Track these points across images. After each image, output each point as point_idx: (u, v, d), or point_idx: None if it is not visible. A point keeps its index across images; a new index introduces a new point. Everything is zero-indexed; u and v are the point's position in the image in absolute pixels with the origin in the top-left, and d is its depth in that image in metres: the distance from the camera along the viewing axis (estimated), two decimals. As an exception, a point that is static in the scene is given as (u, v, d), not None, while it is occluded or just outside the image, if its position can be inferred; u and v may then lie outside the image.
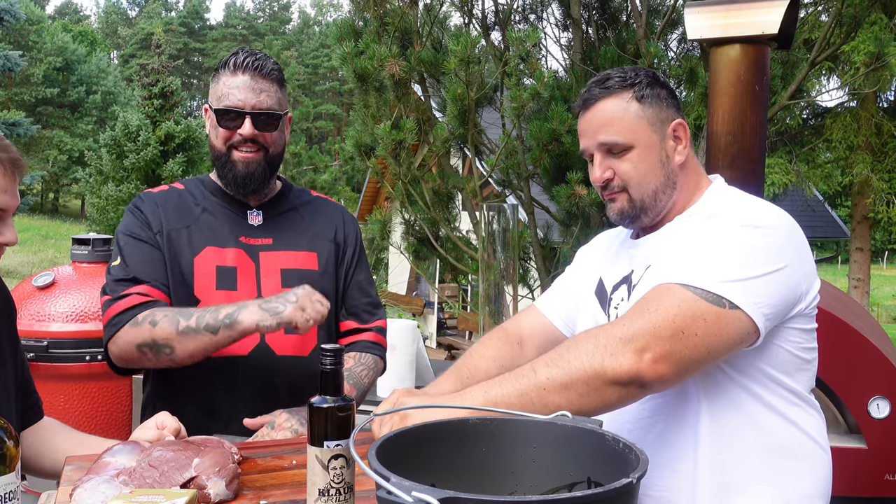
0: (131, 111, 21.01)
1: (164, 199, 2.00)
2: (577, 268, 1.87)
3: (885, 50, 4.56)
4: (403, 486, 0.90)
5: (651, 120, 1.60)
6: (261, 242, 1.97)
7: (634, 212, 1.62)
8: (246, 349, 1.88)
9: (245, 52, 1.93)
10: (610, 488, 0.93)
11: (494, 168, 4.92)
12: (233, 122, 1.89)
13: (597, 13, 5.65)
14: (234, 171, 1.93)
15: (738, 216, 1.50)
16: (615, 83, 1.60)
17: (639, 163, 1.59)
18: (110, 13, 66.70)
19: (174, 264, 1.92)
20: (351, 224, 2.14)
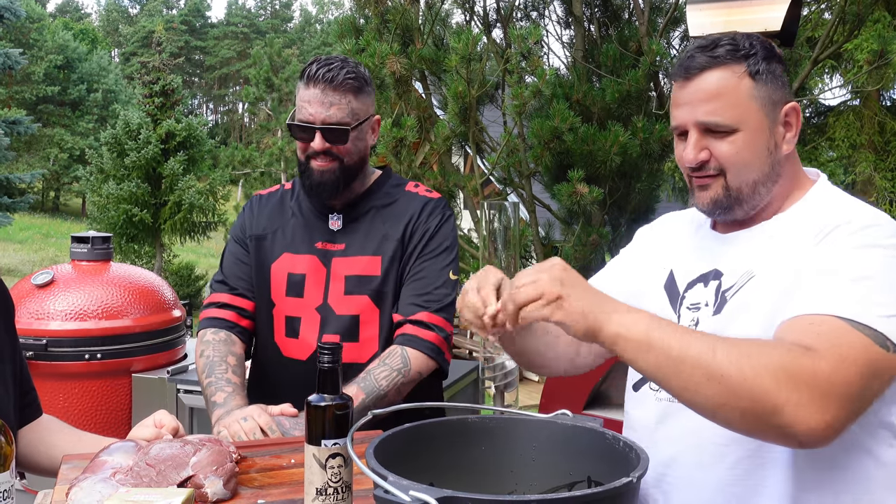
0: (132, 109, 20.99)
1: (268, 199, 2.15)
2: (638, 253, 1.66)
3: (888, 48, 4.55)
4: (401, 485, 0.90)
5: (764, 101, 1.37)
6: (335, 248, 2.03)
7: (729, 202, 1.40)
8: (305, 354, 1.99)
9: (320, 62, 1.96)
10: (610, 487, 0.93)
11: (496, 166, 4.91)
12: (305, 136, 1.95)
13: (598, 10, 5.64)
14: (311, 179, 1.99)
15: (884, 232, 1.28)
16: (725, 52, 1.37)
17: (743, 148, 1.37)
18: (111, 11, 66.73)
19: (259, 267, 2.07)
20: (431, 217, 2.04)
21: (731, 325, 1.34)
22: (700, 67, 1.37)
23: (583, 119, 4.82)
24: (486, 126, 5.27)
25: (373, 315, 1.99)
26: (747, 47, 1.37)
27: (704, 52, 1.37)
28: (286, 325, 2.03)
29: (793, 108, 1.39)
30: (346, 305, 1.98)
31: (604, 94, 4.88)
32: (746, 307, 1.33)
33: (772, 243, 1.39)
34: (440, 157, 5.35)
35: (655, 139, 4.79)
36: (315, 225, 2.06)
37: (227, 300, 2.08)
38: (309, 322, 2.00)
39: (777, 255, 1.36)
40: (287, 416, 1.81)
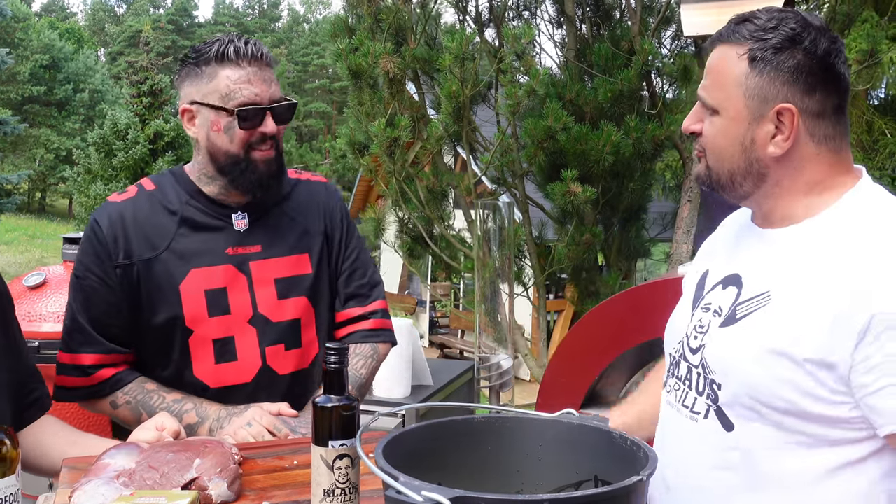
0: (119, 109, 20.88)
1: (133, 213, 1.76)
2: (693, 265, 1.61)
3: (878, 47, 4.58)
4: (413, 485, 0.89)
5: (750, 92, 1.28)
6: (249, 251, 1.80)
7: (710, 183, 1.38)
8: (249, 375, 1.80)
9: (237, 38, 1.74)
10: (620, 486, 0.92)
11: (490, 166, 4.91)
12: (254, 121, 1.71)
13: (590, 10, 5.65)
14: (257, 172, 1.75)
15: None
16: (745, 30, 1.29)
17: (718, 133, 1.33)
18: (97, 10, 66.31)
19: (156, 296, 1.74)
20: (335, 201, 1.96)
21: (736, 348, 1.30)
22: (717, 39, 1.33)
23: (575, 119, 4.82)
24: (478, 126, 5.28)
25: (311, 316, 1.87)
26: (771, 29, 1.27)
27: (730, 25, 1.32)
28: (216, 349, 1.76)
29: (787, 109, 1.26)
30: (283, 311, 1.81)
31: (596, 93, 4.89)
32: (755, 335, 1.28)
33: (793, 258, 1.30)
34: (433, 157, 5.34)
35: (648, 139, 4.80)
36: (217, 228, 1.79)
37: (94, 361, 1.73)
38: (245, 339, 1.78)
39: (796, 276, 1.27)
40: (287, 416, 1.76)
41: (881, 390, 1.16)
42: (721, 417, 1.31)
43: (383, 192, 5.42)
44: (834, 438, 1.22)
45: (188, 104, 1.76)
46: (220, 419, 1.74)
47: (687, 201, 4.91)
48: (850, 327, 1.17)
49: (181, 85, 1.79)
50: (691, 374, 1.39)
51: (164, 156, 19.25)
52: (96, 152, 19.35)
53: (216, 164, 1.77)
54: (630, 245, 5.51)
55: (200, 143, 1.78)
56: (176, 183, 1.83)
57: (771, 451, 1.26)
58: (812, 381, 1.21)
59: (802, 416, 1.22)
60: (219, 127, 1.73)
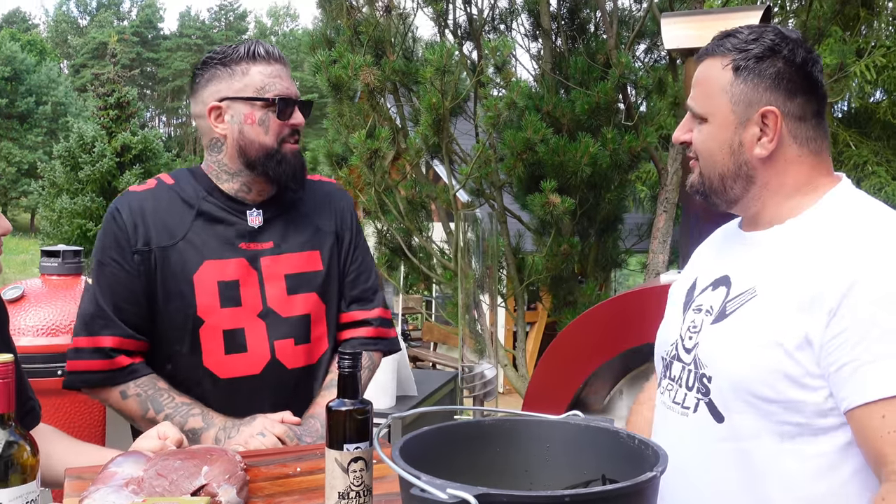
0: (84, 122, 20.59)
1: (152, 203, 1.81)
2: (682, 275, 1.67)
3: (846, 61, 4.71)
4: (436, 483, 0.91)
5: (736, 98, 1.37)
6: (261, 247, 1.85)
7: (704, 189, 1.44)
8: (258, 367, 1.82)
9: (261, 41, 1.84)
10: (636, 481, 0.94)
11: (469, 178, 4.95)
12: (287, 112, 1.80)
13: (566, 23, 5.72)
14: (290, 164, 1.82)
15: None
16: (728, 43, 1.38)
17: (707, 138, 1.41)
18: (60, 22, 65.46)
19: (171, 284, 1.78)
20: (345, 202, 2.02)
21: (727, 341, 1.36)
22: (704, 53, 1.42)
23: (553, 130, 4.88)
24: (456, 137, 5.31)
25: (321, 312, 1.90)
26: (752, 41, 1.36)
27: (716, 40, 1.41)
28: (226, 340, 1.79)
29: (770, 111, 1.35)
30: (293, 306, 1.85)
31: (573, 105, 4.95)
32: (744, 328, 1.34)
33: (777, 256, 1.37)
34: (412, 169, 5.37)
35: (624, 150, 4.87)
36: (231, 223, 1.83)
37: (116, 344, 1.77)
38: (254, 331, 1.81)
39: (780, 271, 1.35)
40: (290, 424, 1.77)
41: (843, 367, 1.23)
42: (712, 409, 1.37)
43: (361, 203, 5.43)
44: (818, 426, 1.28)
45: (217, 101, 1.80)
46: (226, 428, 1.75)
47: (663, 212, 4.98)
48: (822, 307, 1.25)
49: (205, 86, 1.83)
50: (683, 373, 1.46)
51: (131, 169, 19.03)
52: (62, 165, 19.08)
53: (245, 158, 1.81)
54: (607, 255, 5.57)
55: (228, 140, 1.82)
56: (193, 179, 1.87)
57: (760, 440, 1.31)
58: (794, 365, 1.27)
59: (787, 405, 1.28)
60: (253, 119, 1.79)
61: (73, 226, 18.33)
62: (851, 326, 1.22)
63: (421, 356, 11.11)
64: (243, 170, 1.83)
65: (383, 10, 5.05)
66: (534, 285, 5.36)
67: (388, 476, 1.42)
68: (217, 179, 1.86)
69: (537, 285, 5.41)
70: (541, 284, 5.34)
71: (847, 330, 1.22)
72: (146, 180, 1.92)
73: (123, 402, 1.78)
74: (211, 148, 1.86)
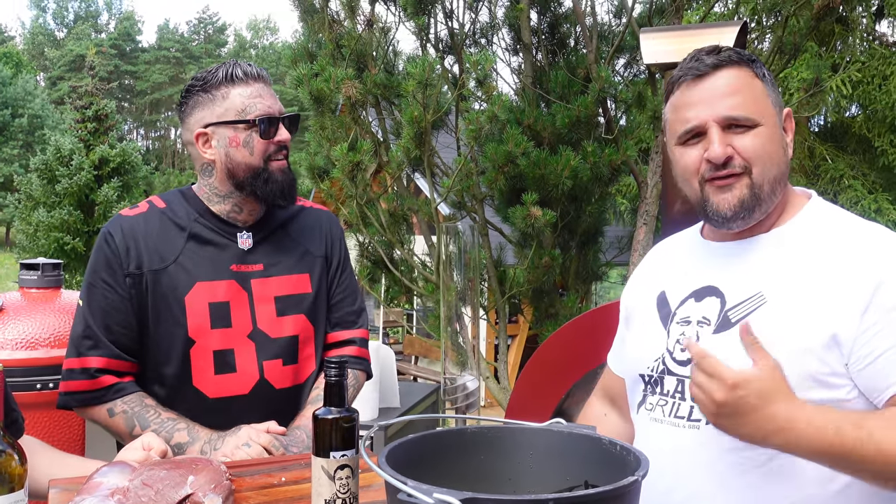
0: (62, 135, 20.38)
1: (144, 227, 1.85)
2: (627, 306, 1.68)
3: (822, 76, 4.79)
4: (422, 488, 0.92)
5: (774, 101, 1.40)
6: (251, 269, 1.89)
7: (754, 202, 1.37)
8: (247, 387, 1.85)
9: (237, 62, 1.86)
10: (618, 485, 0.96)
11: (450, 190, 4.97)
12: (271, 131, 1.82)
13: (546, 38, 5.77)
14: (278, 182, 1.85)
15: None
16: (731, 55, 1.39)
17: (767, 141, 1.37)
18: (36, 34, 64.95)
19: (162, 306, 1.81)
20: (335, 229, 2.08)
21: (740, 347, 1.33)
22: (713, 65, 1.38)
23: (534, 144, 4.91)
24: (437, 150, 5.34)
25: (309, 333, 1.94)
26: (747, 55, 1.40)
27: (711, 55, 1.39)
28: (215, 360, 1.83)
29: (789, 113, 1.43)
30: (282, 327, 1.89)
31: (554, 119, 4.99)
32: (760, 334, 1.31)
33: (778, 261, 1.38)
34: (395, 182, 5.38)
35: (605, 163, 4.90)
36: (223, 245, 1.87)
37: (104, 365, 1.80)
38: (244, 352, 1.85)
39: (786, 276, 1.35)
40: (276, 434, 1.79)
41: (886, 352, 1.25)
42: None
43: (343, 216, 5.43)
44: None
45: (202, 128, 1.84)
46: (211, 441, 1.77)
47: (643, 224, 5.02)
48: (852, 307, 1.27)
49: (190, 113, 1.87)
50: (683, 386, 1.43)
51: (109, 182, 18.86)
52: (38, 178, 18.87)
53: (234, 179, 1.85)
54: (588, 268, 5.59)
55: (217, 164, 1.86)
56: (185, 201, 1.91)
57: None
58: (822, 365, 1.28)
59: (811, 404, 1.28)
60: (237, 142, 1.82)
61: (50, 239, 18.12)
62: (887, 316, 1.25)
63: (403, 369, 11.08)
64: (233, 191, 1.87)
65: (365, 23, 5.08)
66: (515, 298, 5.38)
67: (374, 485, 1.43)
68: (209, 202, 1.90)
69: (519, 298, 5.42)
70: (522, 297, 5.36)
71: (881, 321, 1.25)
72: (137, 203, 1.95)
73: (111, 420, 1.80)
74: (202, 172, 1.90)
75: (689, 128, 1.40)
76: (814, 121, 9.56)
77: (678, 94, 1.43)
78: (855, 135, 9.27)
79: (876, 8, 9.17)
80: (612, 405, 1.77)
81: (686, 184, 1.43)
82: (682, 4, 5.18)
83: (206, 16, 67.05)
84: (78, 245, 18.06)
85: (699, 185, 1.41)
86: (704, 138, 1.39)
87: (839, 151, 9.26)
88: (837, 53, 8.69)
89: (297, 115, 1.89)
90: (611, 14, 6.01)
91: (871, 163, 9.24)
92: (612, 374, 1.74)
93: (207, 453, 1.75)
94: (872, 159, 9.24)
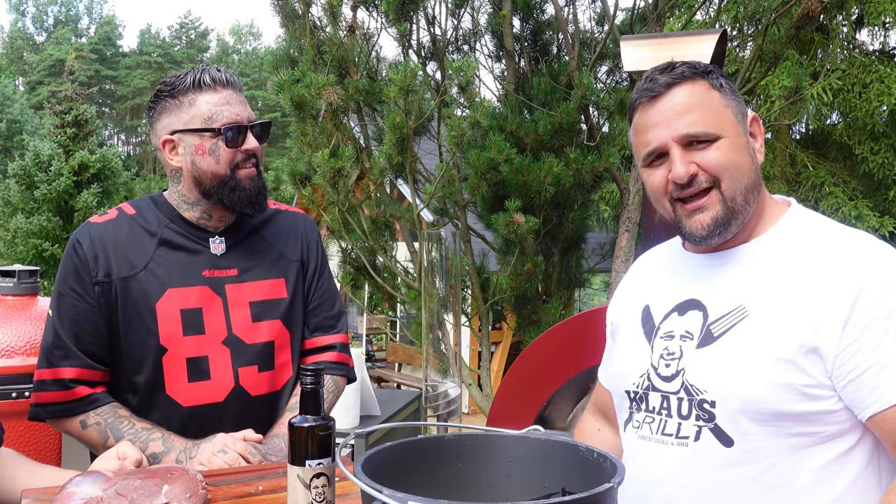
0: (40, 140, 20.19)
1: (113, 234, 1.81)
2: (612, 321, 1.66)
3: (801, 83, 4.82)
4: (397, 497, 0.91)
5: (734, 110, 1.36)
6: (225, 274, 1.85)
7: (728, 216, 1.35)
8: (222, 395, 1.82)
9: (208, 68, 1.82)
10: (594, 492, 0.94)
11: (433, 197, 4.96)
12: (238, 139, 1.79)
13: (528, 45, 5.79)
14: (245, 190, 1.81)
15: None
16: (686, 70, 1.37)
17: (731, 152, 1.34)
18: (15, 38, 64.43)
19: (132, 314, 1.77)
20: (312, 232, 2.03)
21: (726, 363, 1.34)
22: (666, 84, 1.36)
23: (516, 150, 4.92)
24: (420, 157, 5.33)
25: (286, 339, 1.90)
26: (703, 67, 1.38)
27: (665, 74, 1.37)
28: (189, 368, 1.79)
29: (755, 118, 1.40)
30: (257, 333, 1.85)
31: (536, 125, 5.00)
32: (743, 348, 1.32)
33: (758, 273, 1.37)
34: (377, 188, 5.37)
35: (587, 170, 4.92)
36: (194, 251, 1.84)
37: (76, 375, 1.76)
38: (218, 359, 1.81)
39: (767, 287, 1.34)
40: (252, 442, 1.76)
41: (867, 371, 1.23)
42: (719, 435, 1.33)
43: (325, 222, 5.41)
44: (828, 433, 1.29)
45: (169, 135, 1.81)
46: (187, 449, 1.74)
47: (625, 231, 5.04)
48: (832, 318, 1.25)
49: (158, 118, 1.84)
50: (668, 403, 1.41)
51: (89, 188, 18.70)
52: (17, 184, 18.67)
53: (201, 188, 1.82)
54: (570, 274, 5.61)
55: (184, 171, 1.83)
56: (155, 207, 1.88)
57: (773, 456, 1.30)
58: (805, 377, 1.27)
59: (798, 418, 1.28)
60: (203, 151, 1.79)
61: (29, 245, 17.94)
62: (867, 331, 1.23)
63: (385, 377, 11.04)
64: (201, 199, 1.84)
65: (347, 29, 5.07)
66: (498, 304, 5.38)
67: (351, 493, 1.41)
68: (179, 208, 1.87)
69: (501, 304, 5.42)
70: (505, 304, 5.36)
71: (863, 336, 1.24)
72: (107, 210, 1.92)
73: (84, 432, 1.77)
74: (171, 178, 1.87)
75: (650, 150, 1.39)
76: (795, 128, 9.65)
77: (637, 117, 1.41)
78: (835, 142, 9.35)
79: (856, 17, 9.27)
80: (605, 420, 1.75)
81: (658, 204, 1.42)
82: (663, 12, 5.21)
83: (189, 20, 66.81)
84: (57, 252, 17.88)
85: (670, 204, 1.39)
86: (668, 158, 1.38)
87: (820, 159, 9.34)
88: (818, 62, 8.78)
89: (267, 122, 1.85)
90: (593, 21, 6.06)
91: (852, 170, 9.34)
92: (603, 389, 1.70)
93: (183, 462, 1.71)
94: (853, 166, 9.33)
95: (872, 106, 8.58)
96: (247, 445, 1.72)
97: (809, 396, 1.28)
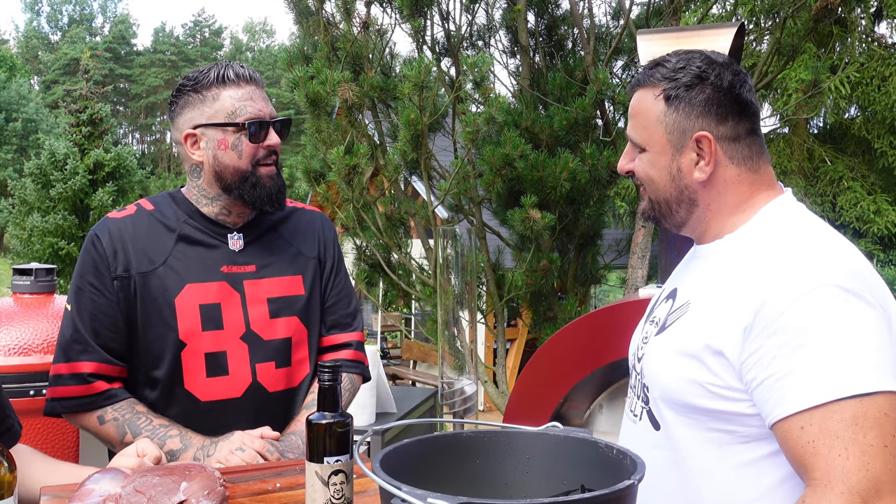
0: (56, 139, 20.29)
1: (132, 229, 1.82)
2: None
3: (820, 77, 4.78)
4: (416, 493, 0.91)
5: (671, 127, 1.41)
6: (244, 270, 1.86)
7: (654, 214, 1.51)
8: (240, 390, 1.82)
9: (230, 64, 1.83)
10: (614, 489, 0.94)
11: (447, 193, 4.94)
12: (260, 135, 1.80)
13: (543, 40, 5.76)
14: (266, 187, 1.82)
15: (823, 277, 1.24)
16: (659, 73, 1.42)
17: (648, 167, 1.46)
18: (30, 37, 64.92)
19: (151, 309, 1.78)
20: (329, 230, 2.05)
21: (660, 352, 1.43)
22: (635, 84, 1.47)
23: (532, 146, 4.90)
24: (434, 153, 5.32)
25: (303, 336, 1.91)
26: (680, 70, 1.40)
27: (646, 70, 1.45)
28: (207, 363, 1.79)
29: (704, 136, 1.39)
30: (275, 329, 1.86)
31: (551, 121, 4.97)
32: (673, 340, 1.40)
33: (711, 270, 1.43)
34: (391, 185, 5.36)
35: (603, 165, 4.89)
36: (213, 246, 1.85)
37: (94, 369, 1.76)
38: (236, 354, 1.81)
39: (709, 286, 1.40)
40: (270, 439, 1.76)
41: (762, 383, 1.25)
42: (651, 418, 1.45)
43: (339, 219, 5.40)
44: (748, 435, 1.31)
45: (191, 129, 1.82)
46: (205, 447, 1.75)
47: (641, 227, 5.01)
48: (738, 325, 1.28)
49: (180, 113, 1.84)
50: (637, 382, 1.54)
51: (104, 186, 18.78)
52: (33, 183, 18.78)
53: (222, 182, 1.83)
54: (586, 271, 5.58)
55: (205, 165, 1.84)
56: (174, 203, 1.89)
57: (692, 447, 1.36)
58: (712, 376, 1.31)
59: (712, 415, 1.33)
60: (226, 145, 1.80)
61: (45, 244, 18.04)
62: (766, 344, 1.25)
63: (401, 374, 11.06)
64: (221, 194, 1.85)
65: (361, 26, 5.06)
66: (513, 301, 5.36)
67: (369, 490, 1.42)
68: (198, 203, 1.88)
69: (517, 301, 5.41)
70: (520, 300, 5.35)
71: (762, 348, 1.26)
72: (125, 206, 1.92)
73: (101, 428, 1.77)
74: (191, 173, 1.88)
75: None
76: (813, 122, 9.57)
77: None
78: (854, 136, 9.28)
79: (875, 9, 9.19)
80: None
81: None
82: (679, 6, 5.17)
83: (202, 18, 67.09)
84: (72, 250, 17.97)
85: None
86: None
87: (838, 153, 9.27)
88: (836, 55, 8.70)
89: (288, 119, 1.86)
90: (608, 16, 6.03)
91: (871, 164, 9.26)
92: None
93: (201, 459, 1.72)
94: (872, 161, 9.25)
95: (892, 99, 8.50)
96: (264, 443, 1.72)
97: (718, 396, 1.31)
